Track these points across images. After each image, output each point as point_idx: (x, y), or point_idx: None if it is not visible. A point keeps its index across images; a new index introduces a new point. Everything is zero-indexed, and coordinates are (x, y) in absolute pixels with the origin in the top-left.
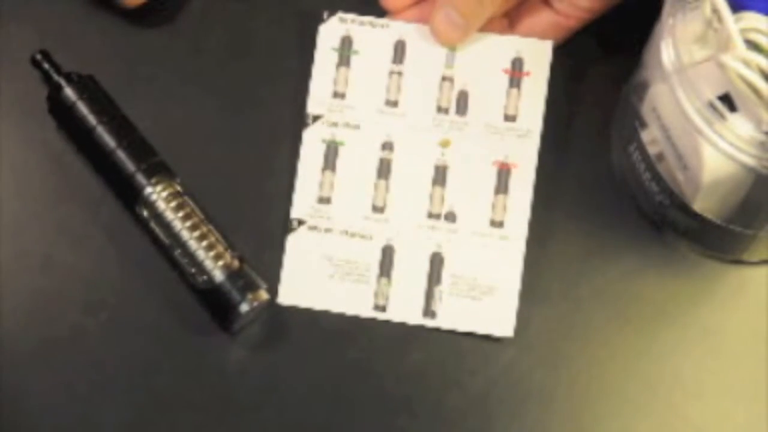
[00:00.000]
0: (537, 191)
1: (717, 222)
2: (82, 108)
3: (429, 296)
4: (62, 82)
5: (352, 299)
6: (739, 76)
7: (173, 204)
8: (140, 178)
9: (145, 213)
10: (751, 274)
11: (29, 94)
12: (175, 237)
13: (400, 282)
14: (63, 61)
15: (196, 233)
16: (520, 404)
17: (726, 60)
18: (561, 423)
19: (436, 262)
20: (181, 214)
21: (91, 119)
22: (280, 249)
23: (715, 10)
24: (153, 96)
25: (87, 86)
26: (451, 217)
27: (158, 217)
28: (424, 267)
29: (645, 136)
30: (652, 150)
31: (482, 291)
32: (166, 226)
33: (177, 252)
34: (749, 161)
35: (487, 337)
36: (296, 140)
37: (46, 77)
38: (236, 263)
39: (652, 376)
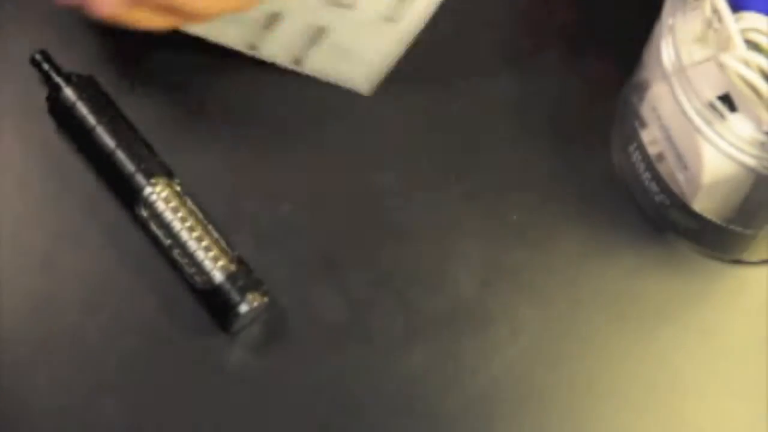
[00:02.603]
0: (537, 191)
1: (717, 222)
2: (82, 108)
3: (303, 49)
4: (62, 82)
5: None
6: (739, 76)
7: (172, 204)
8: (140, 178)
9: (145, 213)
10: (751, 274)
11: (29, 94)
12: (174, 237)
13: (280, 36)
14: (63, 61)
15: (196, 233)
16: (520, 404)
17: (726, 60)
18: (561, 423)
19: (320, 31)
20: (180, 214)
21: (91, 119)
22: (280, 249)
23: (715, 10)
24: (153, 96)
25: (87, 86)
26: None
27: (158, 217)
28: (307, 32)
29: (645, 136)
30: (652, 150)
31: (356, 55)
32: (166, 227)
33: (176, 252)
34: (749, 161)
35: (488, 338)
36: (297, 141)
37: (46, 78)
38: (235, 263)
39: (653, 376)
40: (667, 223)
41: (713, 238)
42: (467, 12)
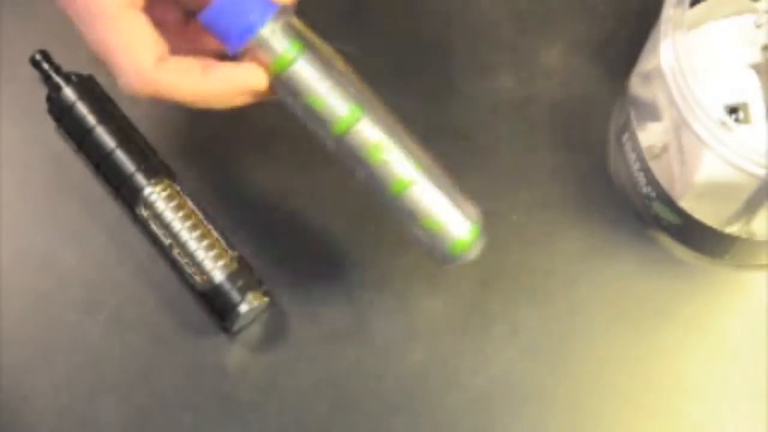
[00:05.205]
0: (537, 191)
1: (696, 219)
2: (82, 108)
3: None
4: (62, 82)
5: None
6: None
7: (173, 204)
8: (140, 178)
9: (145, 213)
10: (751, 275)
11: (29, 94)
12: (174, 237)
13: None
14: (63, 61)
15: (196, 233)
16: (520, 404)
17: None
18: (561, 423)
19: None
20: (180, 214)
21: (91, 119)
22: (280, 249)
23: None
24: None
25: (86, 86)
26: None
27: (158, 217)
28: None
29: (640, 127)
30: (644, 141)
31: None
32: (166, 226)
33: (176, 252)
34: (749, 168)
35: (488, 338)
36: (297, 141)
37: (46, 78)
38: (236, 263)
39: (652, 376)
40: (650, 216)
41: (693, 236)
42: (467, 12)
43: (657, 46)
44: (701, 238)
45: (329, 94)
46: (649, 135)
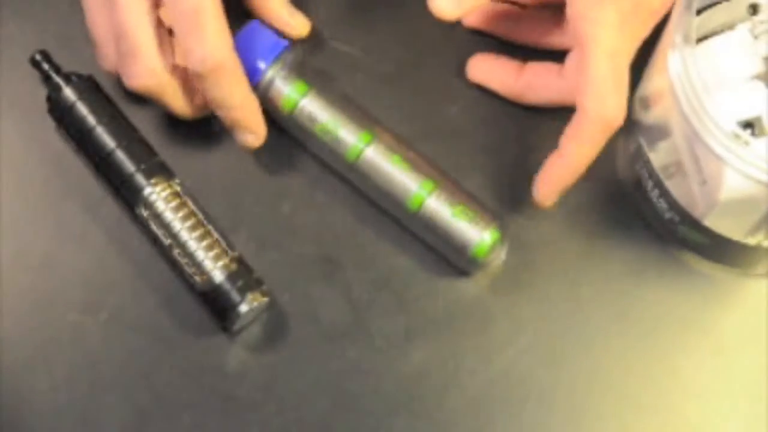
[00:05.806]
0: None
1: (727, 237)
2: (82, 108)
3: None
4: (62, 82)
5: None
6: None
7: (173, 204)
8: (140, 178)
9: (145, 213)
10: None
11: (29, 94)
12: (174, 237)
13: None
14: (63, 61)
15: (196, 233)
16: (520, 404)
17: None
18: (561, 423)
19: None
20: (180, 214)
21: (91, 119)
22: (280, 249)
23: None
24: None
25: (86, 86)
26: None
27: (158, 217)
28: None
29: (653, 153)
30: (660, 165)
31: None
32: (166, 226)
33: (176, 252)
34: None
35: (488, 338)
36: (297, 140)
37: (46, 78)
38: (235, 263)
39: (652, 376)
40: (676, 239)
41: (723, 253)
42: None
43: (664, 65)
44: (730, 254)
45: (337, 126)
46: (660, 155)
